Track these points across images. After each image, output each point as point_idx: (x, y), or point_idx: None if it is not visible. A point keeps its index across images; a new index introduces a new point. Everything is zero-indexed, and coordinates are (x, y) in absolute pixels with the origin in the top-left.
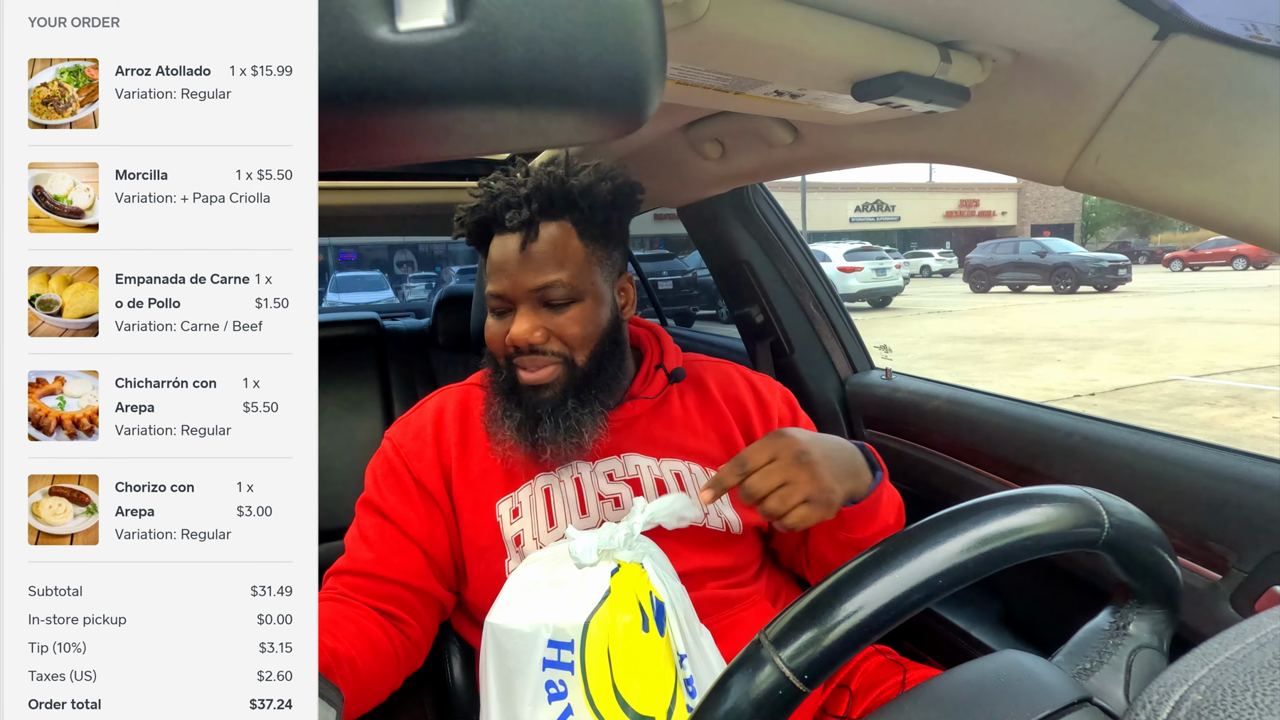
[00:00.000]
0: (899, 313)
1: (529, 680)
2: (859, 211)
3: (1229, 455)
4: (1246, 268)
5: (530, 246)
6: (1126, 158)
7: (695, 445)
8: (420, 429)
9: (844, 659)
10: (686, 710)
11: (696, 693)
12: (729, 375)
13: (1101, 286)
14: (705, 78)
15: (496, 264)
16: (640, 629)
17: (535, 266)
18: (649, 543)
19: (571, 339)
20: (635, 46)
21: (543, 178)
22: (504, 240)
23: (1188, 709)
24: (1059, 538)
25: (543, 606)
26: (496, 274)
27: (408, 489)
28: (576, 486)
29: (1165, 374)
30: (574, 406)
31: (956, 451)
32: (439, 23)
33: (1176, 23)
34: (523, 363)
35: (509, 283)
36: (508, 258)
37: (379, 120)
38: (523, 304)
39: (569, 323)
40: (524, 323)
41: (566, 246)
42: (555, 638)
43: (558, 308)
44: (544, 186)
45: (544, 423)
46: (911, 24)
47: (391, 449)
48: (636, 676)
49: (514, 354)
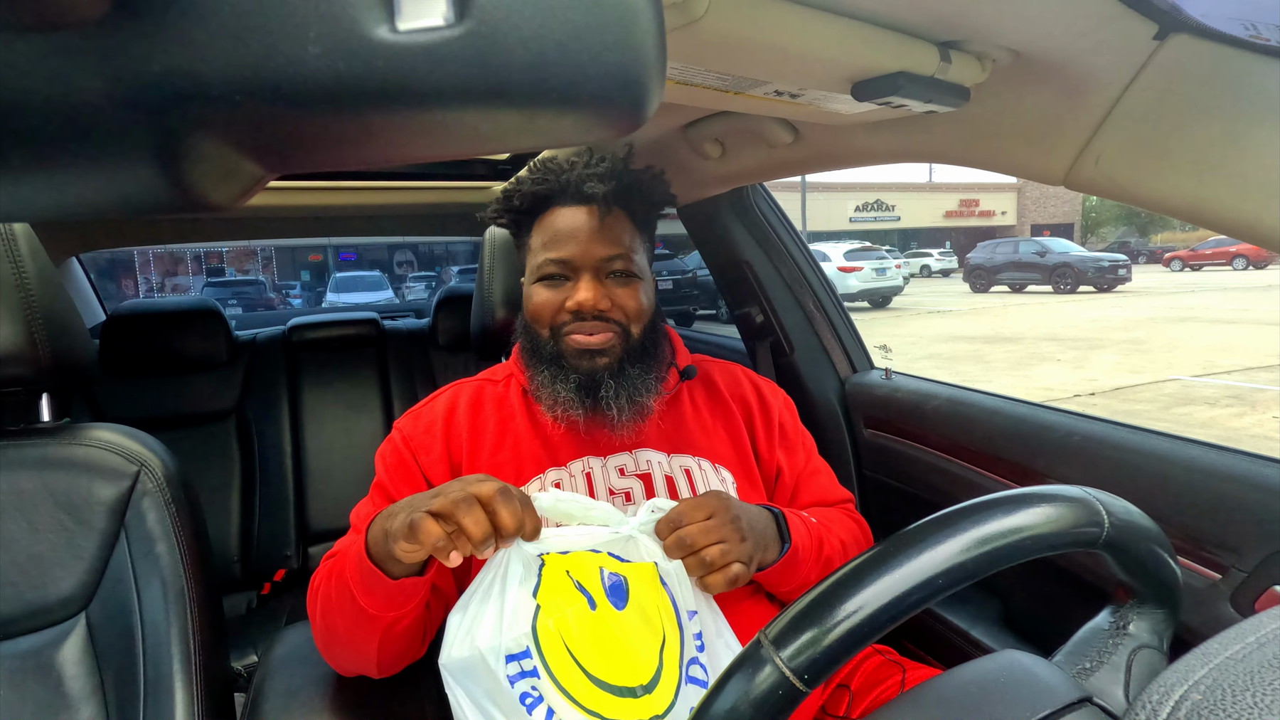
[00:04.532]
0: (899, 312)
1: (503, 699)
2: (859, 211)
3: (1229, 455)
4: (1246, 268)
5: (606, 219)
6: (1126, 158)
7: (705, 442)
8: (431, 423)
9: (844, 659)
10: (680, 665)
11: (705, 645)
12: (735, 375)
13: (1101, 286)
14: (705, 78)
15: (564, 233)
16: (588, 610)
17: (609, 238)
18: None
19: (630, 311)
20: (635, 46)
21: (617, 165)
22: (572, 212)
23: (1188, 709)
24: (1059, 537)
25: (484, 629)
26: (563, 241)
27: (416, 482)
28: (587, 481)
29: (1165, 374)
30: (638, 373)
31: (956, 451)
32: (438, 23)
33: (1176, 23)
34: (581, 328)
35: (579, 250)
36: (579, 226)
37: (379, 120)
38: (586, 272)
39: (629, 296)
40: (590, 289)
41: (630, 228)
42: (510, 651)
43: (620, 279)
44: (617, 171)
45: (606, 384)
46: (911, 24)
47: (401, 440)
48: (605, 655)
49: (569, 320)
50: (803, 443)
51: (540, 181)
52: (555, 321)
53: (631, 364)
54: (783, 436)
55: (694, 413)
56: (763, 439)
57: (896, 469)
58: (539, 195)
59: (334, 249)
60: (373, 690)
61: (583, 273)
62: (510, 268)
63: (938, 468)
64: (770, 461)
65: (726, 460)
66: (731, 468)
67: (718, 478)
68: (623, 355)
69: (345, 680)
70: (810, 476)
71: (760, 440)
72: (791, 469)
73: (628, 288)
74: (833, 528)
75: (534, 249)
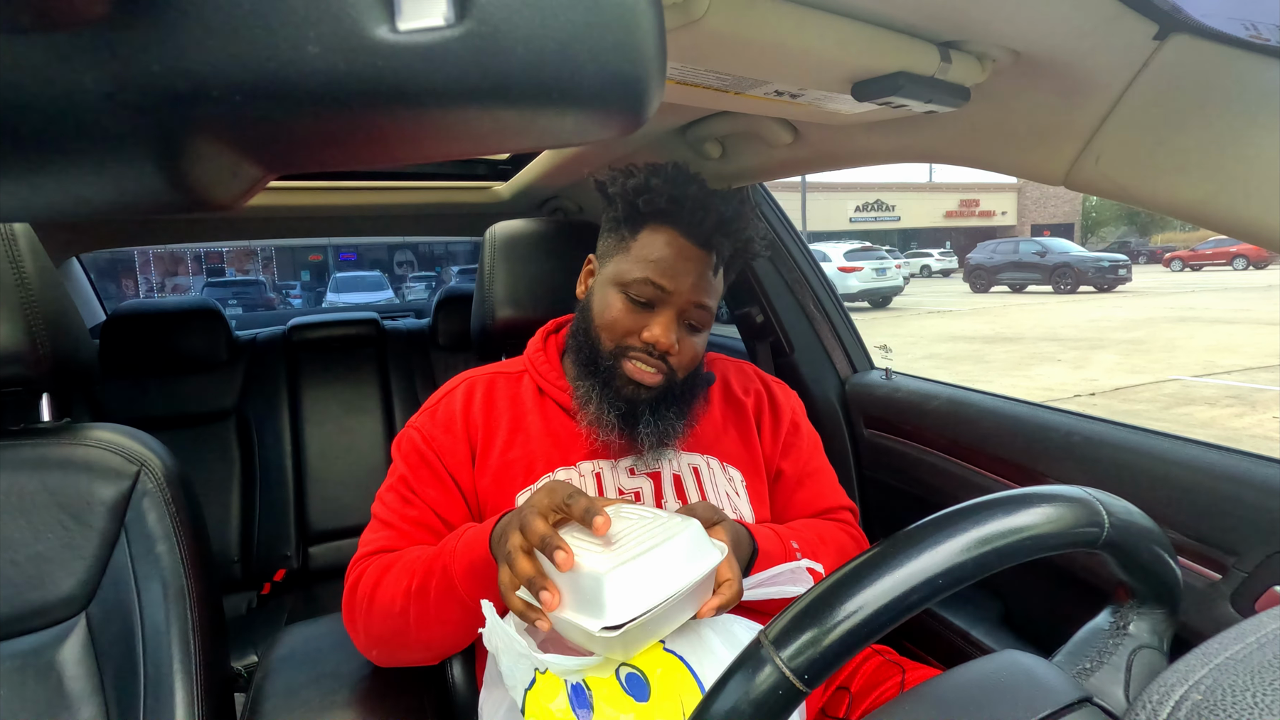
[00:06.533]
0: (899, 312)
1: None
2: (859, 211)
3: (1229, 455)
4: (1246, 268)
5: (711, 270)
6: (1126, 158)
7: (716, 441)
8: (449, 421)
9: (844, 659)
10: None
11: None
12: (748, 375)
13: (1101, 286)
14: (705, 78)
15: (673, 265)
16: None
17: (706, 288)
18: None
19: (687, 360)
20: (635, 46)
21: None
22: (691, 250)
23: (1188, 709)
24: (1059, 538)
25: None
26: (669, 271)
27: (444, 483)
28: (597, 481)
29: (1165, 374)
30: (673, 415)
31: (956, 451)
32: (439, 23)
33: (1176, 23)
34: (641, 358)
35: (676, 286)
36: (689, 268)
37: (379, 120)
38: (670, 309)
39: (691, 346)
40: (668, 332)
41: (721, 282)
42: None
43: (691, 330)
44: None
45: (645, 419)
46: (911, 24)
47: (423, 440)
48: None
49: (637, 347)
50: (811, 443)
51: (675, 201)
52: (624, 342)
53: (668, 406)
54: (791, 438)
55: (707, 412)
56: (769, 439)
57: (896, 469)
58: (666, 212)
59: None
60: (373, 690)
61: (669, 309)
62: (511, 267)
63: (938, 468)
64: (773, 461)
65: (736, 459)
66: (741, 466)
67: (725, 477)
68: (663, 395)
69: (345, 680)
70: (810, 476)
71: (766, 440)
72: (794, 470)
73: (695, 337)
74: (802, 531)
75: (633, 254)
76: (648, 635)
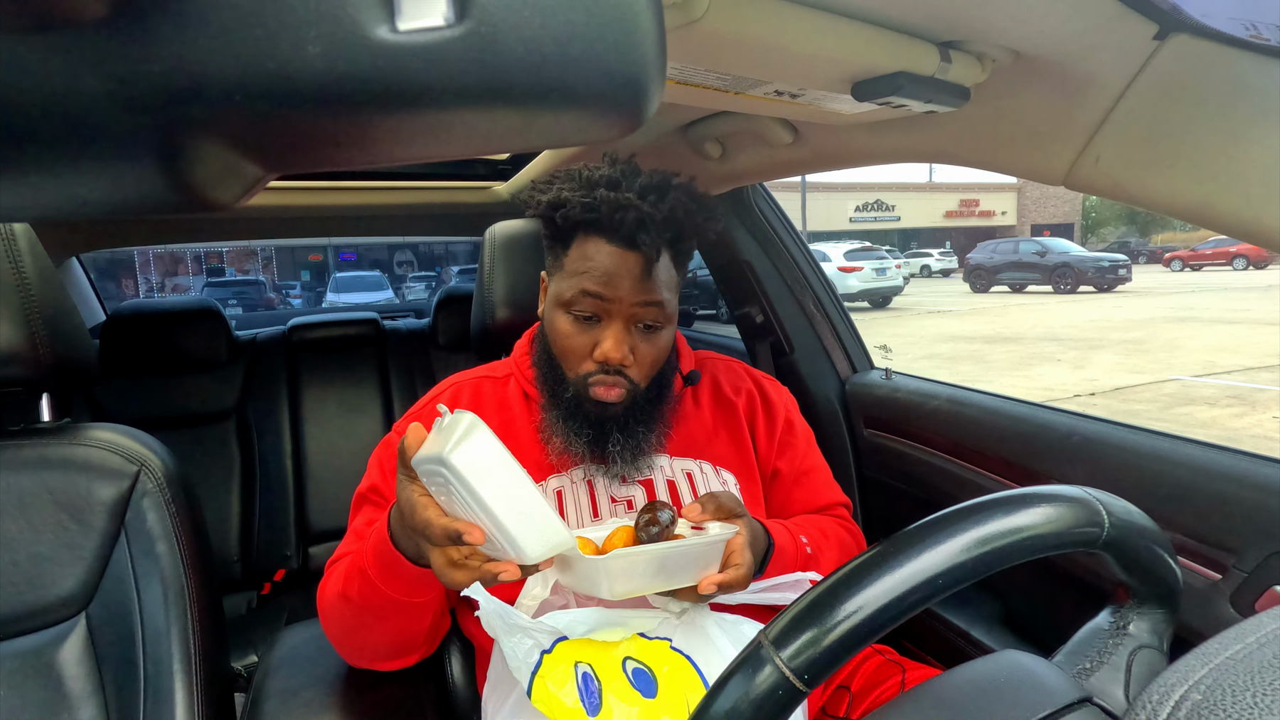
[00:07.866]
0: (899, 312)
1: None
2: (859, 211)
3: (1229, 455)
4: (1246, 268)
5: (652, 269)
6: (1126, 158)
7: (707, 444)
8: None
9: (844, 659)
10: None
11: None
12: (738, 374)
13: (1101, 286)
14: (705, 78)
15: (605, 271)
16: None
17: (650, 286)
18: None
19: (647, 366)
20: (635, 46)
21: (679, 209)
22: (619, 254)
23: (1188, 709)
24: (1059, 538)
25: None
26: (603, 280)
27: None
28: (589, 489)
29: (1165, 374)
30: (643, 431)
31: (956, 451)
32: (439, 23)
33: (1176, 23)
34: (603, 380)
35: (615, 292)
36: (622, 270)
37: (379, 120)
38: (617, 318)
39: (650, 349)
40: (620, 341)
41: (672, 273)
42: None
43: (647, 331)
44: (678, 219)
45: (614, 439)
46: (911, 24)
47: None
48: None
49: (594, 370)
50: (806, 440)
51: (590, 209)
52: (581, 370)
53: (637, 421)
54: (786, 436)
55: (696, 414)
56: (763, 438)
57: (896, 469)
58: (586, 222)
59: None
60: (373, 690)
61: (616, 320)
62: (511, 267)
63: (938, 468)
64: (769, 461)
65: (728, 462)
66: (733, 469)
67: (719, 480)
68: (629, 408)
69: (345, 680)
70: (806, 474)
71: (761, 439)
72: (790, 468)
73: (651, 340)
74: (807, 527)
75: (567, 270)
76: (636, 575)
